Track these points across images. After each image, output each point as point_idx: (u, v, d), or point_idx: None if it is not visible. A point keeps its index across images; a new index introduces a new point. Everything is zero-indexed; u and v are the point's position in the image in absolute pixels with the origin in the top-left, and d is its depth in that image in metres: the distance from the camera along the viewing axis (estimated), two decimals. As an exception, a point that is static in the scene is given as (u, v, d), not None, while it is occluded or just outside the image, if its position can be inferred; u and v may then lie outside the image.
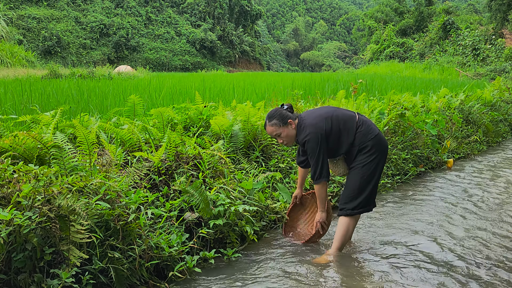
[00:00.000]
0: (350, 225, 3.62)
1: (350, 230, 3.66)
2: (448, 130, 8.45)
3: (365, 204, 3.60)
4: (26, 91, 8.51)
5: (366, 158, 3.52)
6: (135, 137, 4.48)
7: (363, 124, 3.58)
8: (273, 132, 3.63)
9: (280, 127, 3.60)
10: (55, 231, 2.69)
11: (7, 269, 2.61)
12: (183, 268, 3.27)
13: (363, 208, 3.61)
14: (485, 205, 5.23)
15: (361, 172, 3.53)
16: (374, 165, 3.53)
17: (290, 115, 3.62)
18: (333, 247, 3.66)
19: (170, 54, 53.62)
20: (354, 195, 3.57)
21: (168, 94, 9.15)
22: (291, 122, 3.60)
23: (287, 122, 3.59)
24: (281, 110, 3.64)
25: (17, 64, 26.91)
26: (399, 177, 6.31)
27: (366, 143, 3.52)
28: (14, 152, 3.46)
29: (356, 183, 3.55)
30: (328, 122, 3.53)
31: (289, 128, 3.61)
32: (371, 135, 3.55)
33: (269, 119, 3.63)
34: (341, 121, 3.56)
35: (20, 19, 45.29)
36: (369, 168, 3.52)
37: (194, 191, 3.65)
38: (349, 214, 3.59)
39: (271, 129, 3.63)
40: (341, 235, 3.62)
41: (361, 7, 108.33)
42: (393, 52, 42.36)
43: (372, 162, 3.52)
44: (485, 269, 3.47)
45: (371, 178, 3.55)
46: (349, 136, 3.54)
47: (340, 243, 3.64)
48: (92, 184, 3.11)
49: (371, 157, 3.52)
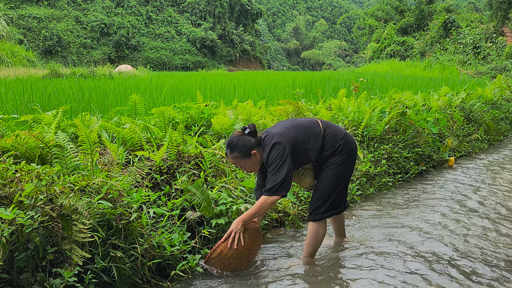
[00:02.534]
0: (320, 229, 3.49)
1: (321, 235, 3.51)
2: (449, 129, 8.45)
3: (335, 205, 3.50)
4: (27, 90, 8.51)
5: (338, 158, 3.41)
6: (136, 136, 4.48)
7: (328, 127, 3.46)
8: (235, 164, 3.35)
9: (242, 160, 3.29)
10: (57, 230, 2.69)
11: (10, 268, 2.62)
12: (185, 267, 3.27)
13: (333, 210, 3.50)
14: (487, 204, 5.23)
15: (333, 172, 3.40)
16: (346, 165, 3.44)
17: (253, 143, 3.28)
18: (304, 252, 3.58)
19: (170, 53, 53.60)
20: (325, 198, 3.44)
21: (169, 93, 9.15)
22: (254, 153, 3.28)
23: (250, 154, 3.27)
24: (243, 140, 3.27)
25: (17, 63, 26.91)
26: (401, 176, 6.31)
27: (337, 144, 3.41)
28: (16, 151, 3.46)
29: (327, 185, 3.42)
30: (293, 131, 3.35)
31: (253, 159, 3.31)
32: (340, 135, 3.45)
33: (230, 150, 3.29)
34: (307, 128, 3.40)
35: (21, 19, 45.29)
36: (341, 167, 3.42)
37: (195, 190, 3.65)
38: (317, 219, 3.45)
39: (232, 161, 3.33)
40: (311, 241, 3.51)
41: (362, 5, 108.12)
42: (394, 51, 42.31)
43: (344, 162, 3.42)
44: (487, 268, 3.47)
45: (343, 178, 3.46)
46: (317, 141, 3.37)
47: (312, 248, 3.54)
48: (94, 183, 3.11)
49: (342, 157, 3.41)
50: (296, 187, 4.88)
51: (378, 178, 5.91)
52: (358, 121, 6.60)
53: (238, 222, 3.27)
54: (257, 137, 3.35)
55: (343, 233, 3.99)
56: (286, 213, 4.49)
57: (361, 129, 6.43)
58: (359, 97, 7.99)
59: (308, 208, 3.57)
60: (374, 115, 6.66)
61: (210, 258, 3.28)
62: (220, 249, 3.24)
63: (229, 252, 3.25)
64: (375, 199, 5.50)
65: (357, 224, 4.55)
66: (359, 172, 5.68)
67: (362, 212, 4.96)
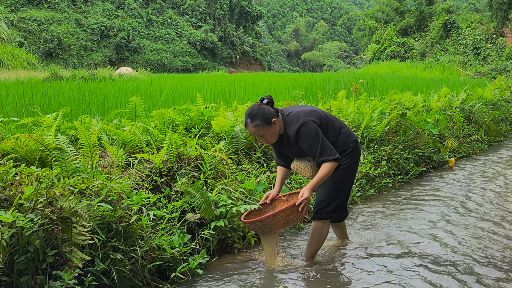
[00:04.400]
0: (323, 228, 3.48)
1: (324, 234, 3.50)
2: (449, 130, 8.45)
3: (341, 208, 3.52)
4: (27, 93, 8.52)
5: (348, 160, 3.44)
6: (136, 138, 4.49)
7: (343, 126, 3.51)
8: (255, 133, 3.31)
9: (264, 128, 3.28)
10: (57, 233, 2.70)
11: (10, 271, 2.62)
12: (186, 269, 3.27)
13: (338, 212, 3.51)
14: (487, 204, 5.22)
15: (342, 173, 3.42)
16: (351, 168, 3.47)
17: (273, 113, 3.31)
18: (306, 253, 3.57)
19: (171, 56, 53.70)
20: (331, 199, 3.45)
21: (169, 96, 9.16)
22: (275, 121, 3.29)
23: (271, 122, 3.27)
24: (263, 109, 3.28)
25: (18, 66, 26.97)
26: (401, 177, 6.31)
27: (348, 145, 3.44)
28: (16, 154, 3.47)
29: (336, 184, 3.43)
30: (318, 115, 3.39)
31: (274, 127, 3.31)
32: (353, 137, 3.50)
33: (251, 119, 3.27)
34: (329, 119, 3.45)
35: (21, 22, 45.40)
36: (348, 169, 3.45)
37: (195, 192, 3.66)
38: (323, 218, 3.46)
39: (253, 130, 3.29)
40: (314, 240, 3.50)
41: (362, 7, 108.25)
42: (394, 52, 42.33)
43: (350, 165, 3.45)
44: (487, 269, 3.47)
45: (348, 180, 3.48)
46: (334, 135, 3.41)
47: (313, 248, 3.53)
48: (94, 186, 3.12)
49: (349, 159, 3.44)
50: (296, 188, 4.88)
51: (378, 180, 5.91)
52: (358, 123, 6.60)
53: (309, 191, 3.24)
54: (274, 108, 3.37)
55: (345, 236, 3.99)
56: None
57: (361, 131, 6.43)
58: (359, 98, 8.00)
59: (313, 207, 3.56)
60: (374, 116, 6.66)
61: (264, 222, 3.21)
62: (278, 218, 3.21)
63: (282, 219, 3.23)
64: (375, 200, 5.50)
65: (357, 225, 4.54)
66: (359, 173, 5.67)
67: (362, 213, 4.95)
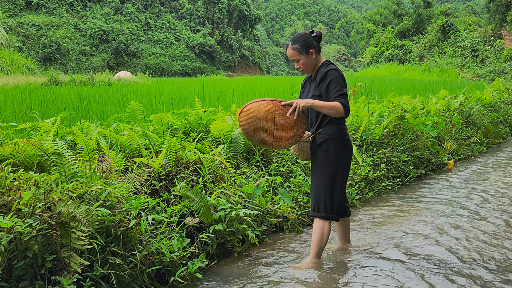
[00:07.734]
0: (325, 226, 3.47)
1: (326, 231, 3.48)
2: (448, 132, 8.46)
3: (339, 209, 3.51)
4: (26, 98, 8.53)
5: (340, 150, 3.42)
6: (135, 143, 4.49)
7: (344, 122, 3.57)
8: (292, 56, 3.44)
9: (300, 54, 3.39)
10: (56, 238, 2.69)
11: (8, 276, 2.61)
12: (185, 274, 3.27)
13: (338, 214, 3.50)
14: (486, 207, 5.22)
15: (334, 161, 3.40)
16: (344, 161, 3.45)
17: (315, 45, 3.42)
18: (312, 253, 3.55)
19: (169, 60, 53.72)
20: (327, 193, 3.42)
21: (167, 100, 9.16)
22: (312, 52, 3.40)
23: (308, 51, 3.39)
24: (306, 36, 3.42)
25: (17, 71, 26.96)
26: (400, 180, 6.31)
27: (346, 135, 3.46)
28: (14, 159, 3.47)
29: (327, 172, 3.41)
30: None
31: (309, 57, 3.41)
32: (348, 135, 3.52)
33: (292, 42, 3.43)
34: None
35: (20, 27, 45.41)
36: (341, 161, 3.43)
37: (194, 196, 3.65)
38: (324, 217, 3.45)
39: (291, 52, 3.43)
40: (318, 238, 3.48)
41: (360, 10, 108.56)
42: (392, 55, 42.40)
43: (343, 157, 3.43)
44: (487, 271, 3.46)
45: (341, 174, 3.45)
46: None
47: (318, 247, 3.51)
48: (93, 191, 3.11)
49: (343, 150, 3.43)
50: (295, 191, 4.88)
51: (377, 182, 5.91)
52: (357, 125, 6.60)
53: (305, 102, 3.26)
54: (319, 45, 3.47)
55: (347, 239, 3.98)
56: (286, 218, 4.49)
57: (359, 133, 6.44)
58: (358, 101, 8.00)
59: (311, 203, 3.54)
60: (372, 119, 6.67)
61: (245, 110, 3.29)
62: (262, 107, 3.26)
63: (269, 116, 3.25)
64: (374, 203, 5.50)
65: (356, 228, 4.54)
66: (358, 176, 5.68)
67: (361, 216, 4.95)
